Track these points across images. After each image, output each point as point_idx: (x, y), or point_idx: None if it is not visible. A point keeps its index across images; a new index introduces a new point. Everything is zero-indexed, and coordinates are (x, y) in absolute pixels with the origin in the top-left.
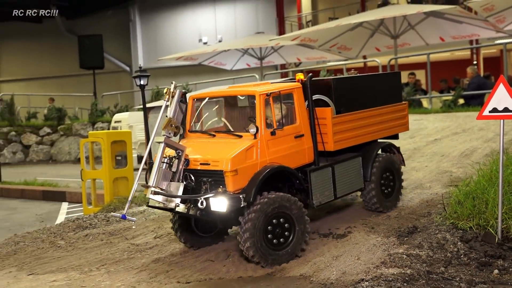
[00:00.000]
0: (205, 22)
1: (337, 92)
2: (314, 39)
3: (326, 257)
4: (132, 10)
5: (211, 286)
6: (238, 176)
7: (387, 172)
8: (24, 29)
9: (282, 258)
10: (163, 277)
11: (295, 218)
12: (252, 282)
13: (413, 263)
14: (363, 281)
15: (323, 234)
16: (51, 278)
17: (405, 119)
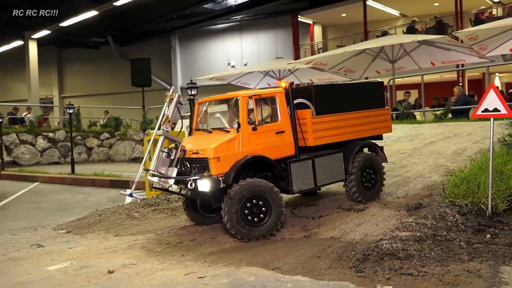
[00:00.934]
0: (233, 48)
1: (317, 96)
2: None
3: (350, 225)
4: (173, 38)
5: (260, 244)
6: (220, 162)
7: (368, 168)
8: (85, 54)
9: (258, 234)
10: (221, 237)
11: (271, 201)
12: (292, 241)
13: (421, 228)
14: (382, 240)
15: (346, 209)
16: (133, 238)
17: (388, 122)
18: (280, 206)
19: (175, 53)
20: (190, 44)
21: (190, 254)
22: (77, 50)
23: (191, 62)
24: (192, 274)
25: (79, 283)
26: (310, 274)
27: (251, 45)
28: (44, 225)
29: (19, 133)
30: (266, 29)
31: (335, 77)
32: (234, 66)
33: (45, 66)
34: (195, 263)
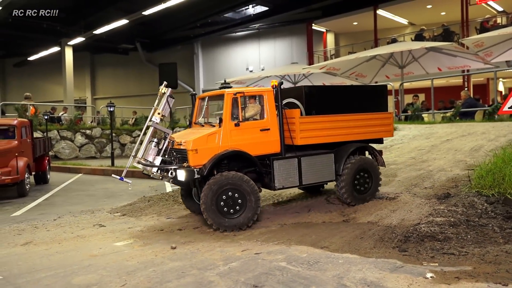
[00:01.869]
0: (251, 54)
1: (308, 97)
2: (337, 68)
3: (384, 211)
4: (196, 45)
5: (304, 226)
6: (198, 154)
7: (362, 172)
8: (115, 59)
9: (233, 224)
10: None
11: (246, 194)
12: (333, 225)
13: (453, 215)
14: (419, 224)
15: (379, 197)
16: (185, 220)
17: (389, 127)
18: (256, 199)
19: (197, 58)
20: (211, 50)
21: (242, 234)
22: (108, 55)
23: (212, 67)
24: (248, 251)
25: (148, 256)
26: (358, 252)
27: (268, 51)
28: (99, 209)
29: (60, 130)
30: (282, 37)
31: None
32: (252, 71)
33: (79, 70)
34: (248, 241)
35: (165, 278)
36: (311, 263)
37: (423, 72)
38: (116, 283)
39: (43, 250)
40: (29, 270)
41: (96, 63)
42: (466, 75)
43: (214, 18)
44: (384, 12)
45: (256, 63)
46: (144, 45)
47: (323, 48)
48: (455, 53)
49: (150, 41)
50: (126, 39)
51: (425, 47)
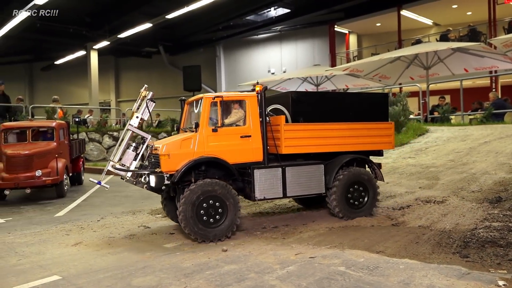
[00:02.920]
0: (273, 57)
1: (295, 104)
2: (360, 70)
3: (435, 215)
4: (218, 48)
5: (353, 230)
6: (170, 160)
7: (356, 184)
8: (139, 62)
9: (215, 235)
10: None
11: (226, 201)
12: (383, 229)
13: (510, 219)
14: (476, 229)
15: (425, 201)
16: None
17: (389, 138)
18: (236, 207)
19: (219, 61)
20: (233, 53)
21: (291, 237)
22: (132, 59)
23: (234, 69)
24: (302, 255)
25: (201, 259)
26: (417, 258)
27: (290, 53)
28: (139, 210)
29: (88, 132)
30: (304, 39)
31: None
32: (274, 73)
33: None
34: (299, 245)
35: (224, 281)
36: (371, 268)
37: (449, 73)
38: (176, 285)
39: (95, 250)
40: (86, 271)
41: (120, 67)
42: (494, 76)
43: (236, 21)
44: (408, 12)
45: (278, 65)
46: (167, 48)
47: (346, 49)
48: (483, 53)
49: (172, 44)
50: (149, 42)
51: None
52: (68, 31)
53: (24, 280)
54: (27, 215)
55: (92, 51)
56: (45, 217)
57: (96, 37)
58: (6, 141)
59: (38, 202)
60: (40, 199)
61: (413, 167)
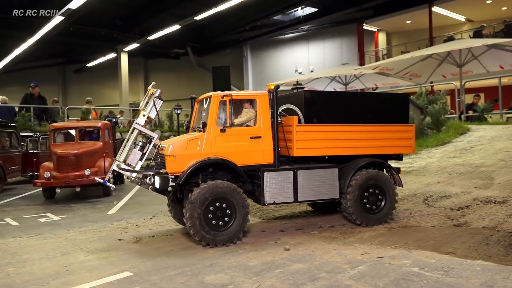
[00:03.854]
0: (300, 56)
1: (308, 103)
2: (390, 68)
3: (499, 216)
4: (245, 48)
5: (414, 230)
6: (176, 161)
7: (372, 188)
8: (167, 64)
9: (224, 238)
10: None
11: (234, 202)
12: (445, 229)
13: None
14: None
15: (485, 201)
16: (282, 222)
17: (410, 141)
18: (245, 208)
19: (247, 61)
20: (260, 53)
21: (352, 237)
22: (161, 60)
23: (261, 69)
24: (368, 254)
25: (266, 257)
26: (491, 259)
27: (317, 52)
28: None
29: (122, 133)
30: (332, 37)
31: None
32: (301, 73)
33: (134, 75)
34: (362, 244)
35: (297, 280)
36: (446, 269)
37: (483, 70)
38: (249, 283)
39: (157, 248)
40: (155, 268)
41: (149, 68)
42: None
43: (263, 21)
44: (439, 9)
45: (305, 64)
46: (195, 50)
47: (375, 48)
48: None
49: (200, 45)
50: (177, 44)
51: (486, 44)
52: (100, 34)
53: (97, 276)
54: (80, 213)
55: (123, 53)
56: (98, 215)
57: (126, 40)
58: (55, 141)
59: (87, 200)
60: (88, 198)
61: (462, 167)
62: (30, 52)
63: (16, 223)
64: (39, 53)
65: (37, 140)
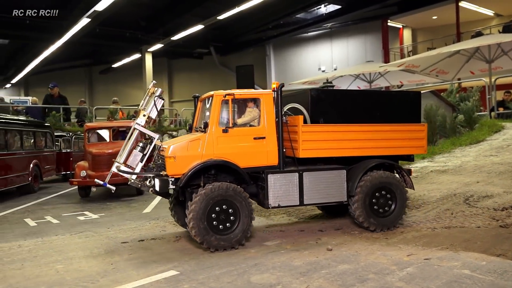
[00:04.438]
0: (324, 54)
1: (314, 102)
2: (416, 65)
3: None
4: (268, 47)
5: (459, 231)
6: (176, 163)
7: (382, 190)
8: (190, 64)
9: (226, 243)
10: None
11: (239, 206)
12: (491, 230)
13: None
14: None
15: None
16: (320, 222)
17: (421, 141)
18: (250, 212)
19: (269, 60)
20: (283, 52)
21: (394, 238)
22: (184, 60)
23: (284, 68)
24: (414, 256)
25: (309, 257)
26: None
27: (341, 50)
28: None
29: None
30: (355, 35)
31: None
32: (325, 71)
33: (158, 75)
34: (406, 245)
35: (345, 281)
36: (499, 272)
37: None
38: (297, 284)
39: (198, 246)
40: (200, 267)
41: (173, 68)
42: None
43: (286, 19)
44: (467, 3)
45: (329, 63)
46: (218, 49)
47: (399, 45)
48: None
49: (223, 44)
50: (200, 43)
51: None
52: (125, 35)
53: (144, 274)
54: (116, 211)
55: (147, 54)
56: (135, 213)
57: (151, 40)
58: (89, 140)
59: (121, 199)
60: (122, 196)
61: (500, 166)
62: (58, 54)
63: (57, 221)
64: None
65: (70, 139)
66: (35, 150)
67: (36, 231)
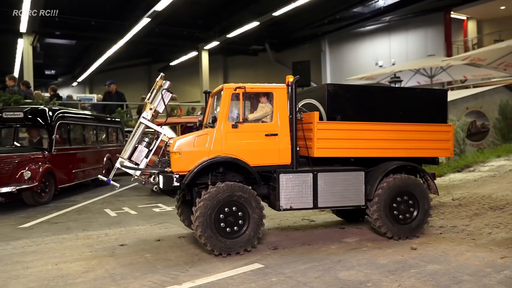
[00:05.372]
0: (381, 49)
1: (331, 98)
2: (482, 59)
3: None
4: (323, 42)
5: None
6: (182, 159)
7: (403, 195)
8: (245, 60)
9: (234, 246)
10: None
11: (249, 208)
12: None
13: None
14: None
15: None
16: None
17: (447, 143)
18: (260, 216)
19: (325, 55)
20: (339, 47)
21: (482, 239)
22: (239, 57)
23: (340, 64)
24: (509, 258)
25: (394, 256)
26: None
27: (400, 44)
28: None
29: None
30: (415, 28)
31: (492, 73)
32: (382, 66)
33: (213, 72)
34: (498, 247)
35: (439, 281)
36: None
37: None
38: (388, 282)
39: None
40: (284, 261)
41: (228, 65)
42: None
43: (343, 14)
44: None
45: (387, 57)
46: (273, 45)
47: (463, 37)
48: None
49: (278, 41)
50: (256, 40)
51: None
52: (182, 33)
53: (230, 266)
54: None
55: (203, 52)
56: None
57: (207, 38)
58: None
59: None
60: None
61: None
62: (120, 53)
63: (135, 212)
64: (127, 53)
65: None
66: (108, 144)
67: (117, 221)
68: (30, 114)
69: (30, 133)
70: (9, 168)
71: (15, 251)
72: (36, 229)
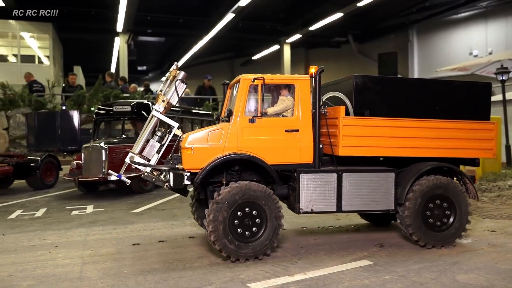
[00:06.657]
0: (476, 37)
1: (359, 91)
2: None
3: None
4: (410, 32)
5: None
6: (194, 155)
7: (438, 199)
8: (327, 53)
9: (249, 252)
10: None
11: (267, 210)
12: None
13: None
14: None
15: None
16: None
17: (490, 143)
18: (278, 218)
19: (412, 46)
20: (428, 36)
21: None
22: (321, 49)
23: (429, 54)
24: None
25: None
26: None
27: (498, 32)
28: None
29: None
30: None
31: None
32: (477, 56)
33: (295, 65)
34: None
35: None
36: None
37: None
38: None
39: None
40: (394, 259)
41: (309, 58)
42: None
43: (433, 1)
44: None
45: (482, 46)
46: (356, 37)
47: None
48: None
49: (361, 32)
50: (338, 32)
51: None
52: (265, 28)
53: (338, 261)
54: None
55: (285, 45)
56: None
57: (289, 32)
58: None
59: None
60: None
61: None
62: (205, 48)
63: None
64: (212, 49)
65: None
66: None
67: None
68: (136, 108)
69: (135, 126)
70: (120, 157)
71: (133, 234)
72: (146, 215)
